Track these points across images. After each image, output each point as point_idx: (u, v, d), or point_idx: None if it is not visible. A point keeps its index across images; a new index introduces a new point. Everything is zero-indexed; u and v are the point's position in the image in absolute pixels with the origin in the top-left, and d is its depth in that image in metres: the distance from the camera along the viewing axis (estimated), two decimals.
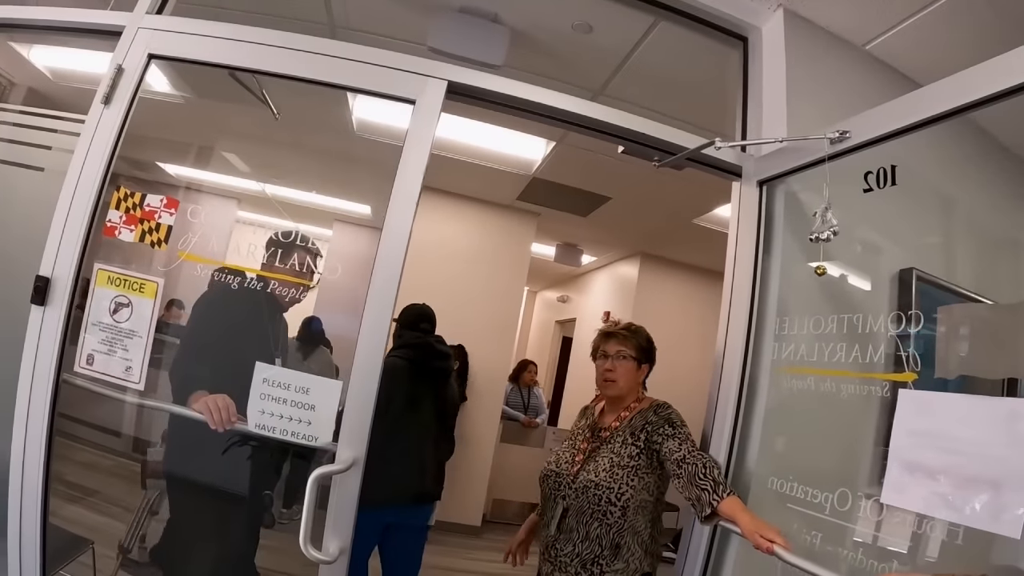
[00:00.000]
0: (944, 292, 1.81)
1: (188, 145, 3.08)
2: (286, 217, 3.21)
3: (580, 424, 2.41)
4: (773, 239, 2.16)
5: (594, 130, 2.19)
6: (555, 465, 2.25)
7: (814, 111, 2.23)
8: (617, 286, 7.85)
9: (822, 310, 1.91)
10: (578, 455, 2.22)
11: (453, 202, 6.22)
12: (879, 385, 1.64)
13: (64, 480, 3.00)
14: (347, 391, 1.85)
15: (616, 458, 2.10)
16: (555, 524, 2.13)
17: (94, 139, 1.95)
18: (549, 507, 2.21)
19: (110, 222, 2.00)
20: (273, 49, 2.01)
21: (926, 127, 1.60)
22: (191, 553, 2.35)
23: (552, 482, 2.21)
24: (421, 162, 1.93)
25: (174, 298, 2.27)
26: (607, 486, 2.05)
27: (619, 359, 2.25)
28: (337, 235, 3.62)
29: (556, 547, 2.14)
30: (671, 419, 2.15)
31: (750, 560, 1.91)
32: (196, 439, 2.08)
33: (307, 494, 1.58)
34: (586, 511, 2.07)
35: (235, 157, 3.16)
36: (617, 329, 2.33)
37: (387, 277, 1.90)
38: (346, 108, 3.89)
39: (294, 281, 2.12)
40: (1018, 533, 1.18)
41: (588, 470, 2.12)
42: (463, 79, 2.03)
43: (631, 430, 2.15)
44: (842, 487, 1.69)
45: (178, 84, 2.74)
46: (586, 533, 2.07)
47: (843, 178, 1.80)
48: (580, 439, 2.30)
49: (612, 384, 2.24)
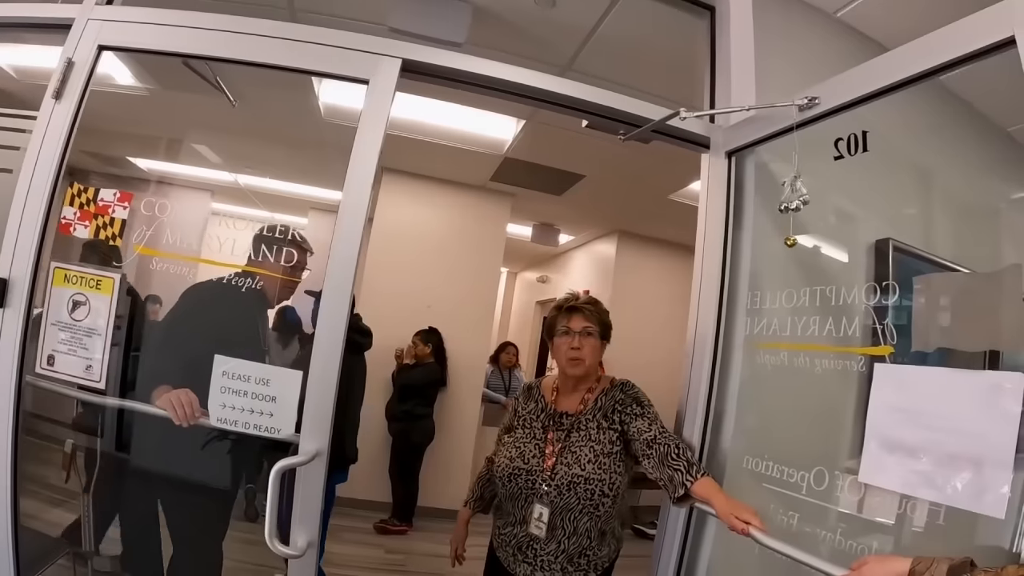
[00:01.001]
0: (922, 262, 1.76)
1: (157, 138, 3.04)
2: (261, 207, 3.15)
3: (529, 409, 2.22)
4: (744, 211, 2.10)
5: (557, 104, 2.13)
6: (521, 460, 2.08)
7: (784, 80, 2.18)
8: (596, 265, 7.82)
9: (795, 283, 1.87)
10: (547, 447, 2.07)
11: (426, 185, 6.17)
12: (855, 360, 1.60)
13: (42, 483, 2.93)
14: (307, 381, 1.80)
15: (598, 446, 2.00)
16: (537, 526, 2.00)
17: (46, 135, 1.89)
18: (519, 506, 2.07)
19: (64, 219, 1.95)
20: (221, 34, 1.94)
21: (897, 91, 1.55)
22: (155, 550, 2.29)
23: (523, 480, 2.04)
24: (376, 144, 1.87)
25: (151, 294, 2.25)
26: (598, 479, 1.95)
27: (584, 336, 2.10)
28: (313, 223, 3.57)
29: (534, 547, 2.02)
30: (638, 398, 2.08)
31: (729, 539, 1.87)
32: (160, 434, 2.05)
33: (270, 488, 1.55)
34: (575, 507, 1.97)
35: (206, 149, 3.12)
36: (581, 303, 2.16)
37: (344, 263, 1.83)
38: (312, 94, 3.82)
39: (283, 278, 2.07)
40: (1002, 513, 1.14)
41: (567, 463, 2.00)
42: (418, 56, 1.96)
43: (603, 413, 2.06)
44: (819, 466, 1.65)
45: (142, 76, 2.68)
46: (574, 528, 1.98)
47: (814, 147, 1.75)
48: (539, 428, 2.14)
49: (579, 363, 2.09)
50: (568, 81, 2.08)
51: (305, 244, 2.13)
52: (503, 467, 2.10)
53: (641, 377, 2.22)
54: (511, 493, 2.08)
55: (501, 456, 2.15)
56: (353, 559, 4.49)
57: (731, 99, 2.22)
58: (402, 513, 5.33)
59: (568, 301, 2.19)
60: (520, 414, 2.24)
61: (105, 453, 2.37)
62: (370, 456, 5.58)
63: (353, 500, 5.47)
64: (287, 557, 1.68)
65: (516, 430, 2.20)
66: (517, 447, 2.12)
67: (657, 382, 2.23)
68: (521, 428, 2.19)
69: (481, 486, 2.41)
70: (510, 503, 2.11)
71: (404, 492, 5.41)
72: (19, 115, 2.00)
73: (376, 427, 5.58)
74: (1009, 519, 1.17)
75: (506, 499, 2.13)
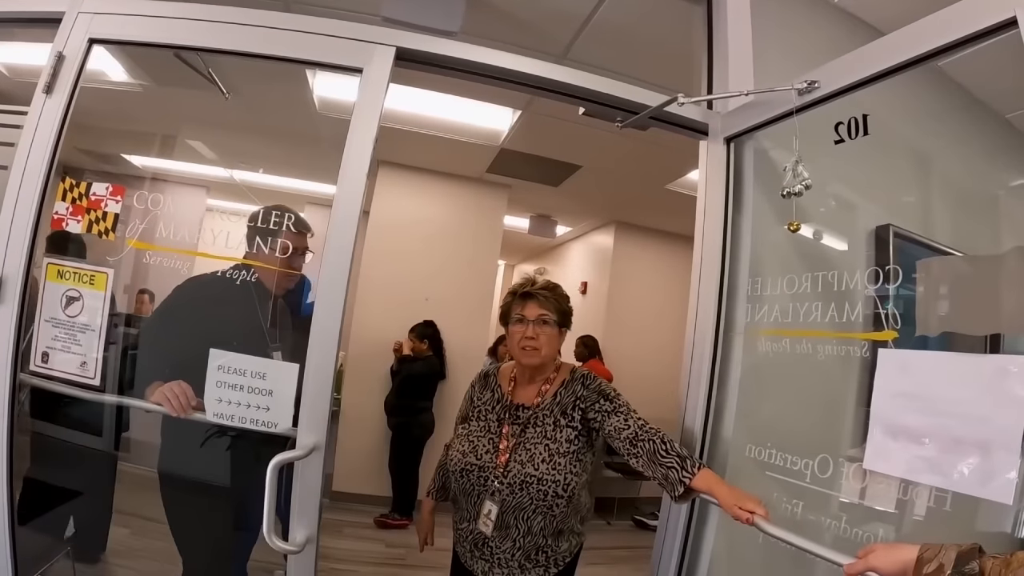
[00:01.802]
0: (922, 248, 1.75)
1: (152, 135, 3.01)
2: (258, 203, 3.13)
3: (485, 399, 2.13)
4: (743, 198, 2.09)
5: (554, 92, 2.10)
6: (474, 456, 2.00)
7: (781, 66, 2.15)
8: (594, 256, 7.80)
9: (796, 269, 1.85)
10: (501, 442, 1.99)
11: (422, 178, 6.14)
12: (858, 345, 1.59)
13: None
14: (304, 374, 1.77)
15: (553, 444, 1.92)
16: (485, 522, 1.94)
17: (37, 130, 1.86)
18: (471, 502, 2.00)
19: (57, 214, 1.92)
20: (212, 24, 1.91)
21: (897, 74, 1.53)
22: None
23: (475, 477, 1.97)
24: (370, 134, 1.84)
25: (144, 288, 2.27)
26: (551, 479, 1.88)
27: (540, 324, 1.99)
28: (310, 218, 3.54)
29: (490, 545, 1.97)
30: (604, 392, 1.99)
31: (732, 529, 1.86)
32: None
33: (267, 483, 1.53)
34: (527, 507, 1.90)
35: (201, 144, 3.09)
36: (536, 289, 2.04)
37: (339, 256, 1.80)
38: (306, 87, 3.79)
39: (281, 270, 2.03)
40: (1009, 499, 1.13)
41: (520, 461, 1.92)
42: (412, 44, 1.93)
43: (561, 408, 1.98)
44: (823, 453, 1.64)
45: (134, 72, 2.66)
46: (527, 528, 1.92)
47: (814, 133, 1.73)
48: (494, 420, 2.06)
49: (534, 352, 1.99)
50: (565, 68, 2.05)
51: (302, 227, 2.08)
52: (455, 462, 2.04)
53: (641, 367, 2.22)
54: (463, 488, 2.01)
55: (454, 450, 2.08)
56: (353, 553, 4.48)
57: (729, 85, 2.19)
58: (402, 507, 5.31)
59: (523, 286, 2.08)
60: (475, 404, 2.15)
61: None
62: (369, 450, 5.59)
63: (353, 495, 5.48)
64: (286, 553, 1.67)
65: (471, 421, 2.12)
66: (470, 441, 2.05)
67: (657, 372, 2.22)
68: (476, 420, 2.11)
69: (442, 475, 2.34)
70: (463, 498, 2.04)
71: (404, 486, 5.39)
72: (10, 111, 1.98)
73: (375, 421, 5.57)
74: (1016, 505, 1.16)
75: (460, 494, 2.05)
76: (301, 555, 1.74)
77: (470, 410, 2.16)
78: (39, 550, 2.24)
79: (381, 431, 5.57)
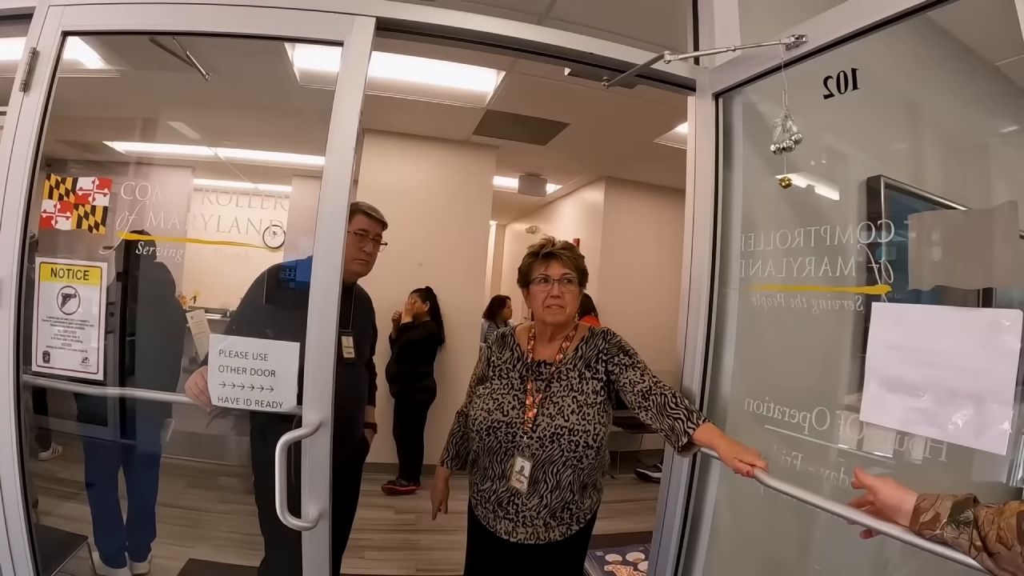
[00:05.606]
0: (914, 199, 1.75)
1: (133, 120, 2.96)
2: (244, 179, 3.09)
3: (504, 358, 2.17)
4: (733, 153, 2.08)
5: (538, 54, 2.06)
6: (500, 412, 2.03)
7: (770, 19, 2.11)
8: (585, 213, 7.79)
9: (788, 223, 1.86)
10: (527, 398, 2.03)
11: (409, 143, 6.09)
12: (852, 299, 1.60)
13: (53, 478, 2.94)
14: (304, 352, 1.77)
15: (581, 396, 1.98)
16: (519, 479, 1.98)
17: (18, 129, 1.83)
18: (498, 460, 2.04)
19: (45, 212, 1.91)
20: (185, 7, 1.86)
21: (886, 27, 1.50)
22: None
23: (503, 433, 2.01)
24: (355, 106, 1.81)
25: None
26: (582, 430, 1.94)
27: (565, 283, 2.04)
28: (297, 190, 3.52)
29: (516, 502, 2.00)
30: (623, 347, 2.06)
31: (734, 481, 1.90)
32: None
33: (277, 461, 1.54)
34: (558, 460, 1.95)
35: (183, 125, 3.05)
36: (558, 249, 2.09)
37: (332, 227, 1.79)
38: (286, 60, 3.72)
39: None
40: (1003, 449, 1.15)
41: (549, 415, 1.97)
42: (392, 14, 1.88)
43: (585, 362, 2.04)
44: (819, 406, 1.67)
45: (111, 59, 2.60)
46: (557, 482, 1.96)
47: (803, 87, 1.72)
48: (516, 378, 2.10)
49: (560, 310, 2.03)
50: (548, 29, 2.01)
51: (375, 213, 2.21)
52: (480, 420, 2.06)
53: (636, 323, 2.23)
54: (489, 447, 2.04)
55: (477, 408, 2.10)
56: (364, 522, 4.53)
57: (715, 41, 2.16)
58: (409, 473, 5.39)
59: (544, 247, 2.11)
60: (495, 364, 2.18)
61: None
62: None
63: None
64: (299, 529, 1.68)
65: (491, 380, 2.15)
66: (495, 398, 2.08)
67: (652, 328, 2.23)
68: (497, 379, 2.14)
69: (456, 443, 2.37)
70: (488, 457, 2.07)
71: (409, 452, 5.47)
72: None
73: (378, 389, 5.61)
74: (1010, 455, 1.18)
75: (484, 453, 2.09)
76: (315, 530, 1.76)
77: (489, 370, 2.18)
78: (58, 546, 2.26)
79: (384, 399, 5.61)
